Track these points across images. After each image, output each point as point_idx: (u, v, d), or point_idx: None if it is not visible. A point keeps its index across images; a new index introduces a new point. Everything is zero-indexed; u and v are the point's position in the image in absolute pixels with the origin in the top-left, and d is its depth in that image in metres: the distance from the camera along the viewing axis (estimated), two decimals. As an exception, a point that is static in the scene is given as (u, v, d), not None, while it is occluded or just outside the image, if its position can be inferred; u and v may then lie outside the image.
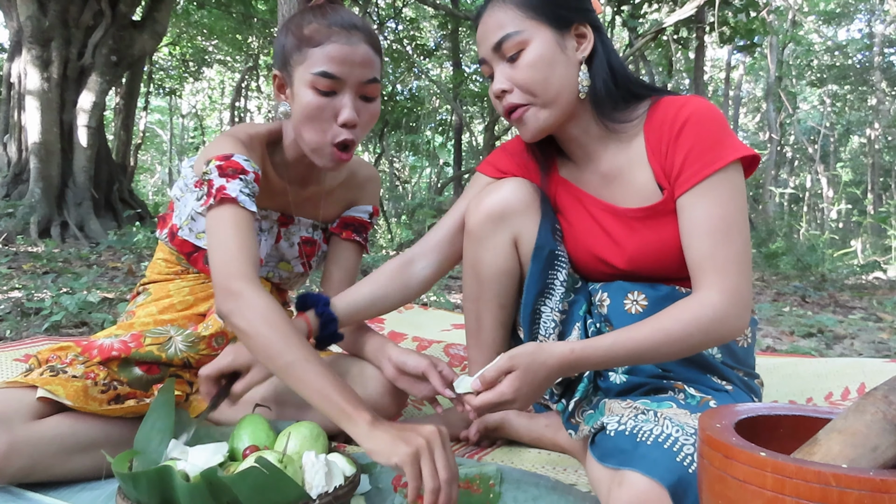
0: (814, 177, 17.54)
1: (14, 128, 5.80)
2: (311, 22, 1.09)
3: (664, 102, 1.04)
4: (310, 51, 1.07)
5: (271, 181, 1.22)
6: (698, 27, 6.94)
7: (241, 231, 1.04)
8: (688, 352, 0.96)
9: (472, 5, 10.63)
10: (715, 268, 0.94)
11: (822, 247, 6.83)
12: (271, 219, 1.28)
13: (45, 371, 1.09)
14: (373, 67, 1.10)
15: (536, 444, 1.26)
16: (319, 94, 1.07)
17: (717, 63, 18.65)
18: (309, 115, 1.08)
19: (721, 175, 0.96)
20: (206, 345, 1.21)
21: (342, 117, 1.08)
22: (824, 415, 0.74)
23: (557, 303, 1.13)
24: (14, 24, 5.70)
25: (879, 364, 1.72)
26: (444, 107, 12.67)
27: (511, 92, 1.05)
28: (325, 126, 1.09)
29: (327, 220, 1.36)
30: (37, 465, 0.99)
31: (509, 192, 1.14)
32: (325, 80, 1.06)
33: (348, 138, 1.09)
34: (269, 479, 0.80)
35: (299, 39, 1.08)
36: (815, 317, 3.21)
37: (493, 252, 1.15)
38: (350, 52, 1.07)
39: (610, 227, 1.11)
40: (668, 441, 0.83)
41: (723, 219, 0.95)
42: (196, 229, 1.22)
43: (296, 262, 1.33)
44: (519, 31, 1.02)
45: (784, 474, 0.58)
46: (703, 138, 0.98)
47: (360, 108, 1.10)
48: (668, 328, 0.92)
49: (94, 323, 2.35)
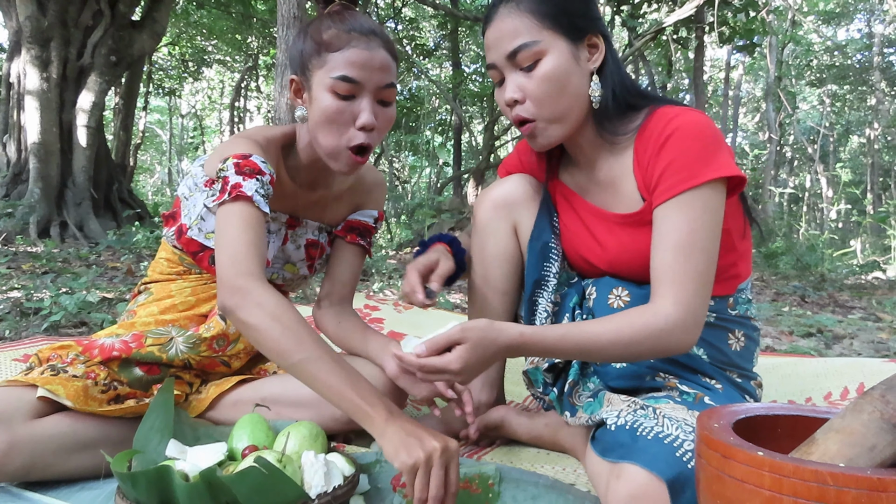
0: (813, 177, 17.55)
1: (13, 128, 5.80)
2: (329, 27, 1.10)
3: (658, 113, 1.04)
4: (329, 55, 1.09)
5: (283, 184, 1.23)
6: (698, 27, 6.94)
7: (253, 229, 1.04)
8: (633, 357, 0.97)
9: (471, 5, 10.63)
10: (673, 280, 0.95)
11: (822, 247, 6.84)
12: (280, 221, 1.29)
13: (46, 370, 1.10)
14: (390, 72, 1.12)
15: (536, 443, 1.26)
16: (339, 98, 1.09)
17: (717, 63, 18.67)
18: (328, 118, 1.09)
19: (695, 192, 0.96)
20: (207, 346, 1.21)
21: (360, 120, 1.09)
22: (822, 414, 0.75)
23: (551, 294, 1.16)
24: (13, 23, 5.70)
25: (878, 364, 1.72)
26: (443, 107, 12.66)
27: (523, 102, 1.05)
28: (342, 129, 1.11)
29: (333, 223, 1.37)
30: (36, 463, 0.99)
31: (512, 185, 1.24)
32: (345, 84, 1.08)
33: (365, 142, 1.11)
34: (268, 479, 0.80)
35: (318, 44, 1.10)
36: (815, 317, 3.21)
37: (496, 237, 1.23)
38: (369, 57, 1.08)
39: (595, 230, 1.14)
40: (669, 438, 0.84)
41: (689, 235, 0.96)
42: (206, 229, 1.22)
43: (301, 264, 1.34)
44: (536, 41, 1.02)
45: (782, 473, 0.58)
46: (683, 154, 0.98)
47: (378, 112, 1.12)
48: (619, 329, 0.94)
49: (94, 323, 2.35)
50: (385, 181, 1.46)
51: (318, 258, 1.36)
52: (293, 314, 0.96)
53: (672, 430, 0.86)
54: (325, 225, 1.36)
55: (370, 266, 4.46)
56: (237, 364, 1.27)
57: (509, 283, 1.25)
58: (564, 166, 1.22)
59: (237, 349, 1.25)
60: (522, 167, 1.29)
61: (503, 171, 1.33)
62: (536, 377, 1.15)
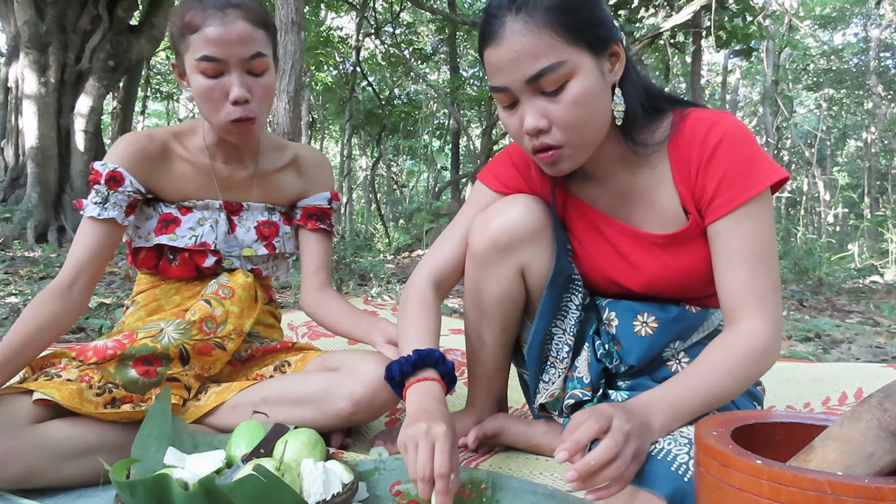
0: (810, 180, 17.57)
1: (11, 132, 5.80)
2: (189, 8, 1.13)
3: (691, 120, 0.98)
4: (190, 37, 1.12)
5: (200, 167, 1.29)
6: (695, 32, 6.97)
7: (82, 241, 1.19)
8: (747, 385, 0.91)
9: (468, 10, 10.65)
10: (755, 296, 0.92)
11: (820, 251, 6.84)
12: (213, 207, 1.32)
13: (40, 377, 1.10)
14: (253, 43, 1.13)
15: (535, 450, 1.25)
16: (208, 78, 1.13)
17: (714, 67, 18.71)
18: (203, 97, 1.15)
19: (756, 200, 0.93)
20: (197, 329, 1.21)
21: (231, 95, 1.13)
22: (820, 422, 0.75)
23: (572, 326, 1.10)
24: (11, 28, 5.70)
25: (876, 369, 1.72)
26: (441, 111, 12.68)
27: (548, 131, 0.93)
28: (218, 106, 1.15)
29: (281, 203, 1.41)
30: (32, 471, 0.99)
31: (517, 219, 1.07)
32: (207, 64, 1.11)
33: (242, 115, 1.15)
34: (266, 487, 0.80)
35: (181, 27, 1.13)
36: (813, 321, 3.22)
37: (498, 280, 1.10)
38: (226, 32, 1.10)
39: (627, 251, 1.06)
40: (662, 453, 0.82)
41: (760, 246, 0.93)
42: (142, 234, 1.29)
43: (257, 245, 1.36)
44: (562, 61, 0.88)
45: (780, 482, 0.58)
46: (737, 162, 0.94)
47: (251, 84, 1.15)
48: (726, 363, 0.88)
49: (92, 328, 2.35)
50: (327, 160, 1.48)
51: (276, 236, 1.38)
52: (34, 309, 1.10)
53: (664, 444, 0.84)
54: (273, 205, 1.39)
55: (368, 271, 4.46)
56: (232, 346, 1.26)
57: (512, 321, 1.16)
58: (577, 180, 1.11)
59: (227, 330, 1.24)
60: (521, 179, 1.15)
61: (496, 182, 1.16)
62: (555, 406, 1.14)
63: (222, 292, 1.27)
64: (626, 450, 0.76)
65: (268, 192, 1.37)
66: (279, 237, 1.39)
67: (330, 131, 18.17)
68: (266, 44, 1.16)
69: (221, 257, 1.32)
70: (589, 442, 0.76)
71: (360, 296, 3.48)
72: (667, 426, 0.85)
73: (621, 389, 1.10)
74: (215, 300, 1.25)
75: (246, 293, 1.29)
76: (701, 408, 0.87)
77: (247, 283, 1.30)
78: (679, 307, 1.07)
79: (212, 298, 1.25)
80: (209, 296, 1.26)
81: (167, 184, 1.28)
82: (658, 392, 0.87)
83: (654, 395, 0.87)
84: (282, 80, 4.12)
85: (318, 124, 15.58)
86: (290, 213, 1.43)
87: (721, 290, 0.95)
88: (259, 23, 1.14)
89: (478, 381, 1.25)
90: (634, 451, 0.78)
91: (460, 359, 1.96)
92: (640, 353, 1.06)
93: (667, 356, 1.08)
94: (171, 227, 1.29)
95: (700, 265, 1.01)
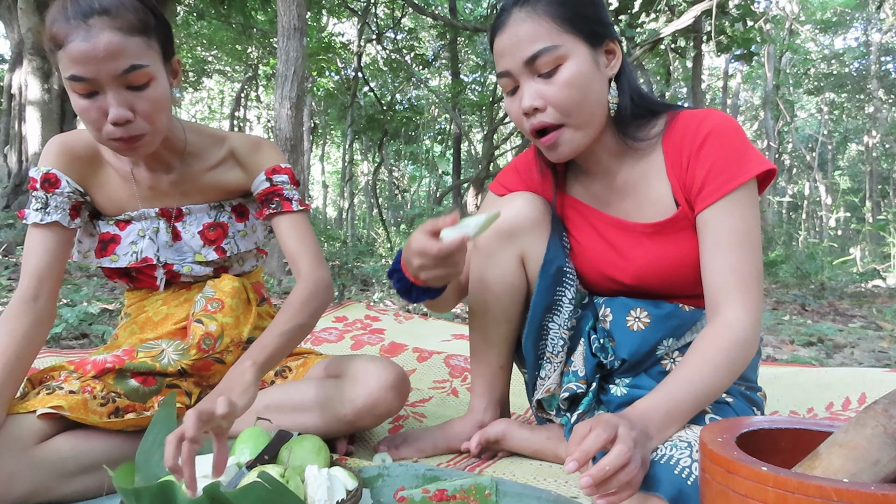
0: (812, 185, 17.58)
1: (14, 138, 5.82)
2: (55, 19, 0.97)
3: (683, 116, 1.03)
4: (59, 53, 0.97)
5: (123, 177, 1.21)
6: (696, 36, 6.98)
7: (31, 251, 1.14)
8: (734, 378, 0.93)
9: (470, 16, 10.68)
10: (737, 283, 0.94)
11: (822, 255, 6.84)
12: (149, 216, 1.24)
13: (41, 391, 1.08)
14: (124, 55, 0.97)
15: (538, 456, 1.25)
16: (82, 97, 0.99)
17: (715, 72, 18.75)
18: (82, 117, 1.01)
19: (743, 189, 0.96)
20: (196, 349, 1.19)
21: (109, 117, 1.00)
22: (825, 428, 0.75)
23: (566, 320, 1.12)
24: (15, 35, 5.72)
25: (880, 374, 1.72)
26: (442, 116, 12.70)
27: (544, 110, 1.00)
28: (98, 125, 1.01)
29: (225, 197, 1.30)
30: (38, 489, 0.98)
31: (518, 209, 1.14)
32: (77, 84, 0.98)
33: (124, 135, 1.02)
34: (271, 493, 0.80)
35: (48, 41, 0.99)
36: (815, 325, 3.21)
37: (500, 268, 1.16)
38: (89, 48, 0.95)
39: (616, 242, 1.10)
40: (665, 458, 0.83)
41: (745, 234, 0.95)
42: (83, 250, 1.26)
43: (206, 251, 1.27)
44: (556, 45, 0.97)
45: (786, 489, 0.58)
46: (725, 152, 0.97)
47: (132, 100, 1.01)
48: (713, 360, 0.90)
49: (95, 335, 2.35)
50: (265, 141, 1.30)
51: (225, 238, 1.29)
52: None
53: (665, 450, 0.85)
54: (220, 202, 1.29)
55: (370, 276, 4.46)
56: (231, 358, 1.24)
57: (512, 311, 1.19)
58: (573, 179, 1.17)
59: (225, 343, 1.22)
60: (523, 183, 1.21)
61: (500, 188, 1.24)
62: (551, 403, 1.15)
63: (211, 307, 1.22)
64: (636, 455, 0.77)
65: (206, 191, 1.27)
66: (228, 238, 1.29)
67: (332, 136, 18.22)
68: (144, 52, 1.00)
69: (172, 268, 1.26)
70: (598, 451, 0.77)
71: (362, 301, 3.48)
72: (664, 433, 0.87)
73: (620, 385, 1.11)
74: (206, 317, 1.21)
75: (236, 300, 1.25)
76: (693, 410, 0.90)
77: (235, 289, 1.25)
78: (672, 304, 1.09)
79: (203, 316, 1.21)
80: (199, 314, 1.21)
81: (99, 189, 1.22)
82: (652, 400, 0.89)
83: (649, 403, 0.89)
84: (284, 85, 4.14)
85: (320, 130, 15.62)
86: (249, 208, 1.33)
87: (706, 276, 0.98)
88: (132, 30, 0.98)
89: (481, 380, 1.26)
90: (642, 458, 0.79)
91: (463, 364, 1.97)
92: (631, 348, 1.08)
93: (661, 354, 1.09)
94: (110, 247, 1.24)
95: (688, 257, 1.03)
